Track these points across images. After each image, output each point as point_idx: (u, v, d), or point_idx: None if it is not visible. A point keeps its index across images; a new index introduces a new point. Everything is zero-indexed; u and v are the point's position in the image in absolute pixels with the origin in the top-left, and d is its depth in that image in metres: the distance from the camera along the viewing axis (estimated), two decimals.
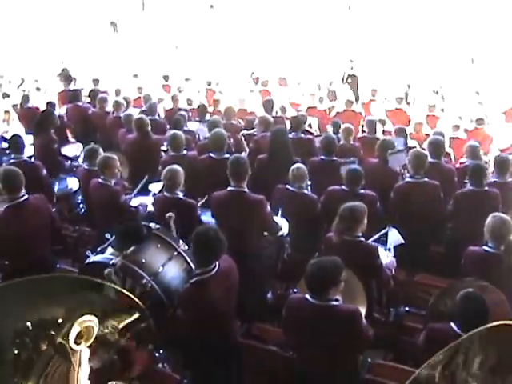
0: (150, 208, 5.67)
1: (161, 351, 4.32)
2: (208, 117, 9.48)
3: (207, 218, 5.40)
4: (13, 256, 4.96)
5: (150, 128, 7.52)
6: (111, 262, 4.23)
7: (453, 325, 3.57)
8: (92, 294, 1.54)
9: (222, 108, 10.66)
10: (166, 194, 5.29)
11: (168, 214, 4.83)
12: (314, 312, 3.62)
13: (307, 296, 3.67)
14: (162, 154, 7.26)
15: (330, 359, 3.69)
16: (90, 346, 1.44)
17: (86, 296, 1.53)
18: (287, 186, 5.66)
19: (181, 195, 5.29)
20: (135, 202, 5.90)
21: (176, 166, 5.33)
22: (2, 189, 4.97)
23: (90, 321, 1.46)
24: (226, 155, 6.31)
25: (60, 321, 1.43)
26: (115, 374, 1.54)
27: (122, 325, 1.55)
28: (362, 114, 11.53)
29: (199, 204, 5.55)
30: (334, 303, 3.62)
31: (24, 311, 1.42)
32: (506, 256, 4.47)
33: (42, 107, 9.83)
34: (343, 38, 16.35)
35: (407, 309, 5.08)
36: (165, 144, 7.59)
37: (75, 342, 1.43)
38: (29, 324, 1.41)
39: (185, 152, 6.66)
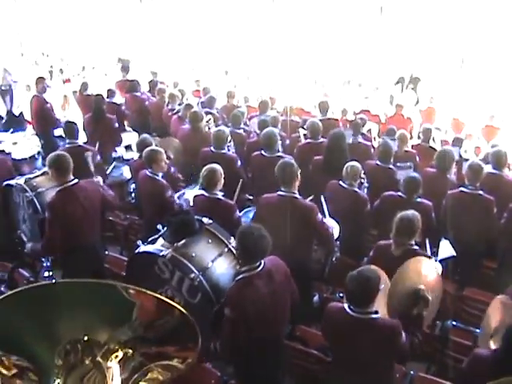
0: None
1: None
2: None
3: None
4: (63, 240, 4.94)
5: (203, 122, 7.58)
6: (161, 254, 4.25)
7: None
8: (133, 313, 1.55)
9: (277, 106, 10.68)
10: (204, 193, 5.20)
11: None
12: (353, 324, 3.56)
13: (346, 306, 3.60)
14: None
15: (366, 370, 3.61)
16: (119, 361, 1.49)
17: (129, 318, 1.53)
18: (340, 182, 5.75)
19: (220, 195, 5.18)
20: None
21: (214, 165, 5.20)
22: (52, 174, 5.04)
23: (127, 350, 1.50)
24: (279, 153, 6.31)
25: (103, 342, 1.46)
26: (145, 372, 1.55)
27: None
28: (411, 120, 11.34)
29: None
30: (374, 316, 3.55)
31: (87, 320, 1.46)
32: None
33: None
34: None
35: (454, 323, 4.97)
36: None
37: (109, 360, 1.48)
38: (85, 337, 1.46)
39: (224, 151, 6.59)
